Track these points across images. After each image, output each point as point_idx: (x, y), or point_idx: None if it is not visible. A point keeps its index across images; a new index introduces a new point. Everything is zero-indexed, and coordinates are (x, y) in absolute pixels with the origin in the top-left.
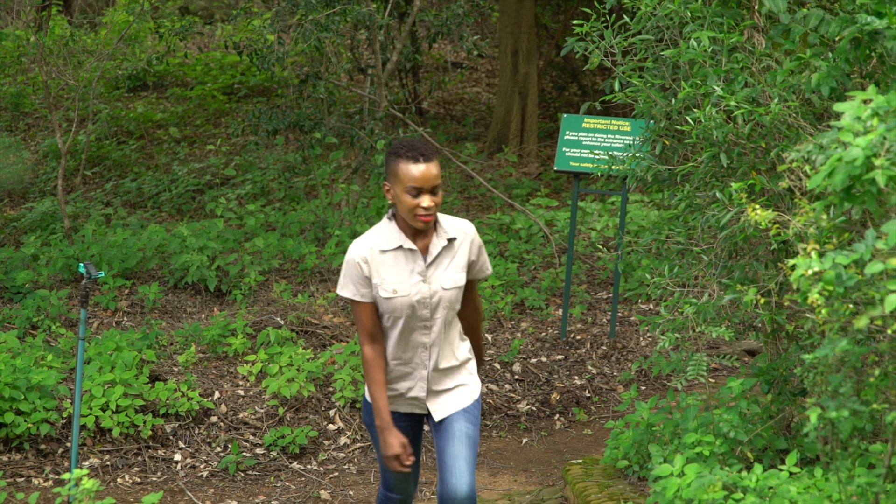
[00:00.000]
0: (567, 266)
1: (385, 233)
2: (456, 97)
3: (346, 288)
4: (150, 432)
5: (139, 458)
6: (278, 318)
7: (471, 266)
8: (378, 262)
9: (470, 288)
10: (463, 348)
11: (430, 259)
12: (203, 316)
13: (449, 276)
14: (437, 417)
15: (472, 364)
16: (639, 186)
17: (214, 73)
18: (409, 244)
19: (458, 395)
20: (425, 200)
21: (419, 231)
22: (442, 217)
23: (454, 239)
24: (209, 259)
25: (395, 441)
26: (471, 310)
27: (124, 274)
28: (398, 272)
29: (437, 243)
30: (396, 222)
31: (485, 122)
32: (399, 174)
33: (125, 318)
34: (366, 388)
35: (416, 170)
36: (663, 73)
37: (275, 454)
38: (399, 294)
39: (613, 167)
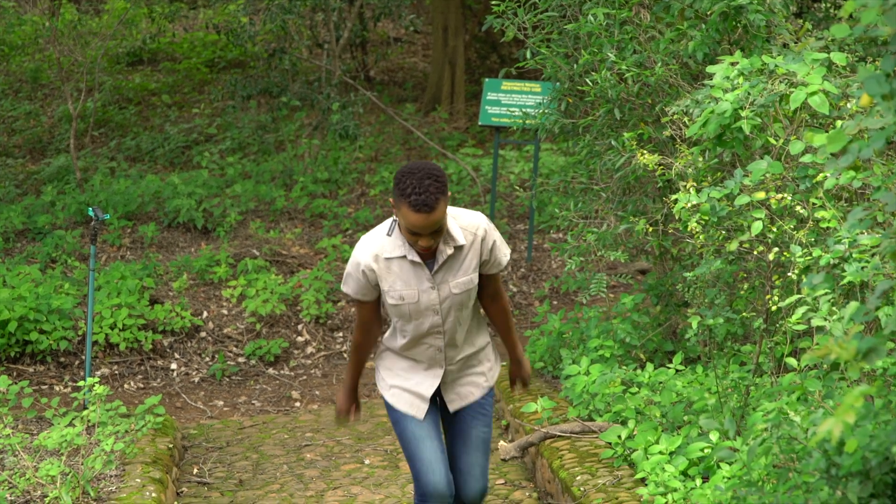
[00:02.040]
0: (491, 203)
1: (390, 239)
2: (397, 66)
3: (348, 285)
4: (150, 346)
5: (142, 367)
6: (254, 251)
7: (483, 264)
8: (384, 269)
9: (488, 283)
10: (482, 333)
11: (435, 267)
12: (192, 250)
13: (459, 280)
14: (451, 408)
15: (490, 347)
16: (548, 137)
17: (198, 49)
18: (413, 256)
19: (472, 384)
20: (424, 241)
21: None
22: (451, 216)
23: (462, 246)
24: (197, 203)
25: (345, 403)
26: (494, 307)
27: (126, 216)
28: (406, 279)
29: (443, 251)
30: (401, 230)
31: (421, 87)
32: (401, 211)
33: (128, 253)
34: (381, 389)
35: (417, 219)
36: (566, 44)
37: (254, 362)
38: (407, 301)
39: (527, 122)
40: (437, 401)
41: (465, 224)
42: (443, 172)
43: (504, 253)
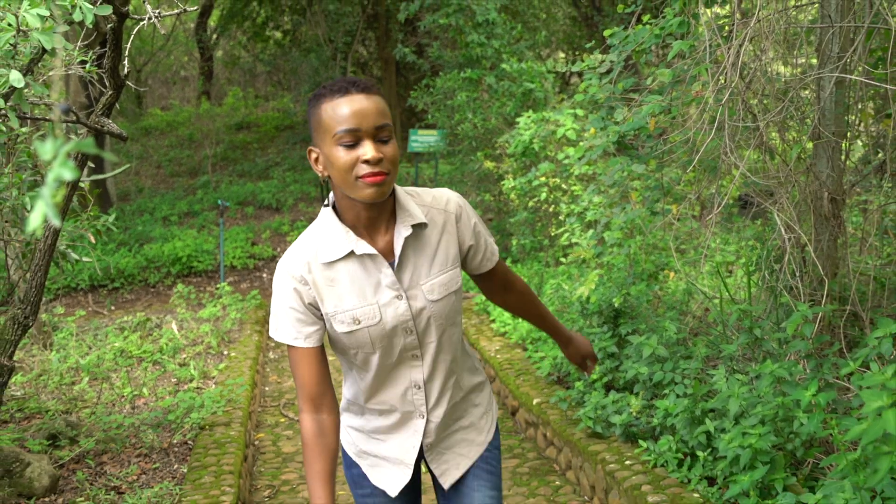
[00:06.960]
0: None
1: (326, 234)
2: None
3: (278, 330)
4: (253, 266)
5: (249, 276)
6: (301, 217)
7: (470, 253)
8: (324, 280)
9: (493, 275)
10: (468, 370)
11: (396, 258)
12: (272, 219)
13: (435, 281)
14: (445, 484)
15: (483, 386)
16: (441, 156)
17: (270, 120)
18: (363, 247)
19: (466, 443)
20: (368, 149)
21: (373, 219)
22: (408, 192)
23: (424, 224)
24: (272, 195)
25: None
26: (511, 296)
27: (238, 203)
28: (359, 290)
29: (399, 233)
30: (338, 213)
31: None
32: (323, 121)
33: (239, 221)
34: (347, 451)
35: (347, 103)
36: (448, 111)
37: None
38: (364, 324)
39: (431, 149)
40: (418, 470)
41: (427, 201)
42: None
43: (492, 241)
